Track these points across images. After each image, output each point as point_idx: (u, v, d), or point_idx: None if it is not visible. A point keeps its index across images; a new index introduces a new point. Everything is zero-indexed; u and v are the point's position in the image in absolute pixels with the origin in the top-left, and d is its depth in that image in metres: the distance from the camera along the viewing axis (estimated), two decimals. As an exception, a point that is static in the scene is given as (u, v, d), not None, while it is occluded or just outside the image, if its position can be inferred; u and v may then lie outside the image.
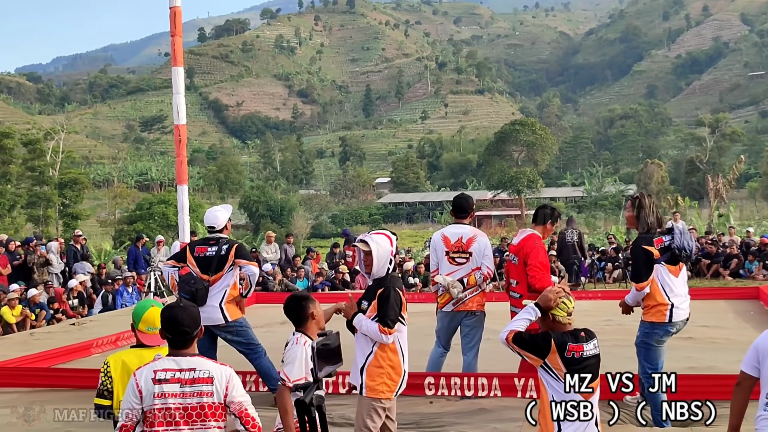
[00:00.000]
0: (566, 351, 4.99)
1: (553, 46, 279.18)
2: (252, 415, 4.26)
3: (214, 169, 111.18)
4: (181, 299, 6.13)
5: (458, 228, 8.16)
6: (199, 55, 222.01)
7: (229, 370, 4.32)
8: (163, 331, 4.39)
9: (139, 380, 4.20)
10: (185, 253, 8.44)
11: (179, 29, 15.90)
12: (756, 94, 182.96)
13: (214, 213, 8.45)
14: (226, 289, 8.14)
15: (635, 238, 7.15)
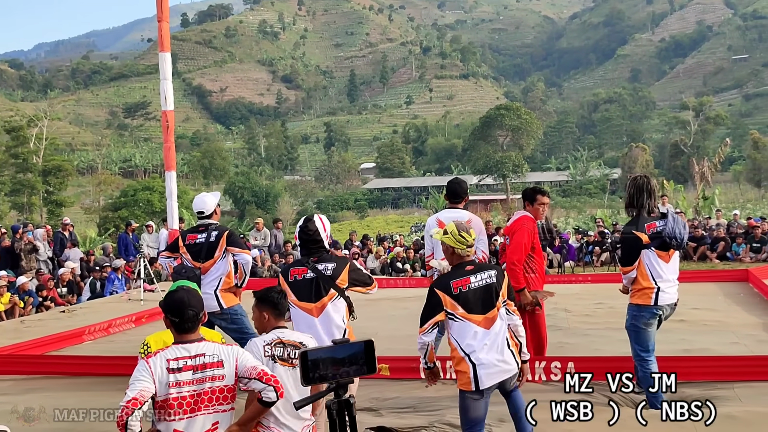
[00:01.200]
0: (452, 289, 5.37)
1: (537, 30, 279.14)
2: (270, 373, 4.32)
3: (198, 155, 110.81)
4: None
5: (453, 212, 8.11)
6: (182, 40, 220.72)
7: (235, 348, 4.40)
8: (167, 318, 4.39)
9: (153, 368, 4.20)
10: (178, 242, 8.42)
11: (166, 14, 15.81)
12: (739, 77, 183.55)
13: (203, 199, 8.41)
14: (221, 277, 8.10)
15: (626, 222, 7.16)
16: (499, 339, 5.48)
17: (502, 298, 5.54)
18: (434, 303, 5.48)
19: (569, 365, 8.31)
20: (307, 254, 6.48)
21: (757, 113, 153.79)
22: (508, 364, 5.49)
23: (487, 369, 5.40)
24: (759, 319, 11.76)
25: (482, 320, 5.44)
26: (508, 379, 5.55)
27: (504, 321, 5.56)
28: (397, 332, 11.47)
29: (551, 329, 10.98)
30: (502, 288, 5.55)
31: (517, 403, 5.84)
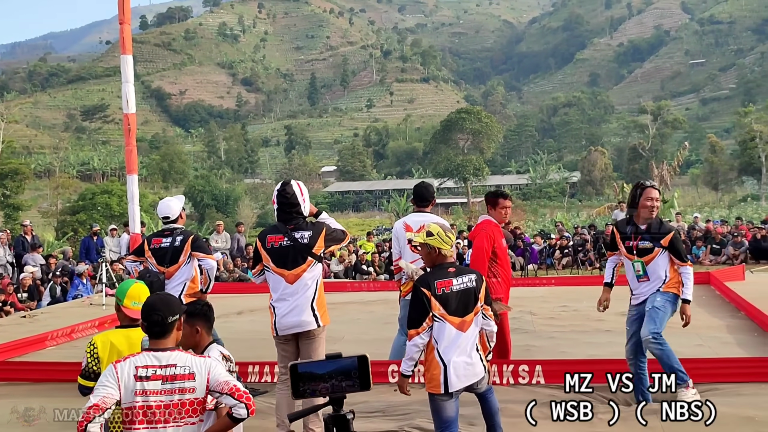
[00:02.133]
0: (436, 289, 5.44)
1: (497, 34, 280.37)
2: (242, 389, 4.21)
3: (157, 158, 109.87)
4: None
5: (420, 216, 8.13)
6: (141, 43, 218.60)
7: (208, 360, 4.29)
8: (142, 323, 4.32)
9: (120, 373, 4.11)
10: (143, 246, 8.36)
11: (128, 16, 15.65)
12: (696, 81, 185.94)
13: (167, 203, 8.37)
14: (186, 282, 8.06)
15: (669, 225, 7.48)
16: (470, 343, 5.54)
17: (480, 302, 5.59)
18: (423, 302, 5.51)
19: (537, 368, 8.34)
20: (283, 220, 6.57)
21: (714, 117, 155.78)
22: (476, 368, 5.55)
23: (456, 372, 5.44)
24: (722, 321, 11.89)
25: (459, 323, 5.49)
26: (477, 382, 5.60)
27: (478, 326, 5.61)
28: (363, 336, 11.48)
29: (517, 332, 11.04)
30: (480, 292, 5.60)
31: (491, 406, 5.86)
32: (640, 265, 7.16)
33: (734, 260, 20.82)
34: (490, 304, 5.76)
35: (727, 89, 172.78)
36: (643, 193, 7.23)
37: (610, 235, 7.70)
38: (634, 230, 7.22)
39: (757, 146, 69.09)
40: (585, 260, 22.03)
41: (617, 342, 10.17)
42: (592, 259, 21.91)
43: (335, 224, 6.81)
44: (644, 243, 7.11)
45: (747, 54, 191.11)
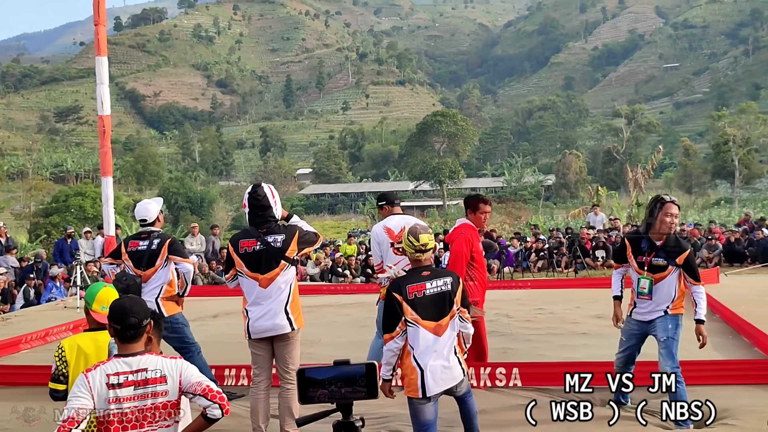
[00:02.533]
0: (408, 293, 5.44)
1: (472, 37, 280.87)
2: (216, 389, 4.18)
3: (131, 160, 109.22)
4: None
5: (399, 218, 8.13)
6: (115, 44, 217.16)
7: (179, 362, 4.24)
8: (111, 326, 4.25)
9: (92, 383, 4.06)
10: (120, 249, 8.31)
11: (103, 18, 15.57)
12: (670, 85, 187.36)
13: (145, 206, 8.31)
14: (162, 285, 7.98)
15: (686, 242, 7.23)
16: (447, 346, 5.54)
17: (455, 306, 5.58)
18: (395, 306, 5.52)
19: (514, 371, 8.35)
20: (255, 223, 6.55)
21: (688, 121, 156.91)
22: (454, 371, 5.55)
23: (434, 376, 5.45)
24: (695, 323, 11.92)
25: (434, 327, 5.50)
26: (456, 386, 5.61)
27: (455, 329, 5.61)
28: (339, 339, 11.45)
29: (494, 335, 11.05)
30: (456, 296, 5.59)
31: (470, 409, 5.86)
32: (647, 283, 6.93)
33: (708, 263, 20.95)
34: (468, 307, 5.76)
35: (700, 93, 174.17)
36: (663, 208, 6.87)
37: (619, 247, 7.45)
38: (648, 246, 6.95)
39: (730, 150, 69.63)
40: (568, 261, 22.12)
41: (593, 344, 10.25)
42: (567, 262, 22.02)
43: (307, 227, 6.80)
44: (658, 260, 6.87)
45: (720, 58, 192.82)
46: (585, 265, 21.53)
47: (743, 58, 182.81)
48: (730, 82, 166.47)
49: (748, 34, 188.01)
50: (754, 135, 72.13)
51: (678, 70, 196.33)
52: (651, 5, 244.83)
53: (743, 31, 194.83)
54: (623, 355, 7.23)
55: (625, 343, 7.21)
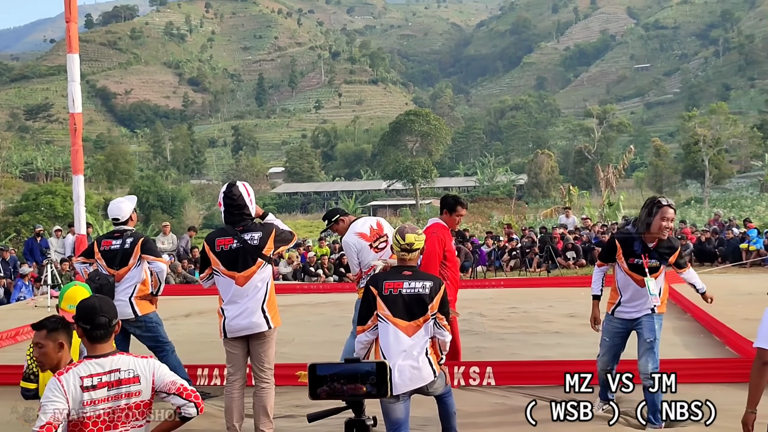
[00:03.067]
0: (383, 289, 5.49)
1: (445, 37, 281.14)
2: (190, 388, 4.19)
3: (102, 158, 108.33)
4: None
5: (360, 221, 8.26)
6: (86, 41, 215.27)
7: (151, 361, 4.25)
8: (79, 327, 4.20)
9: (66, 386, 4.02)
10: (93, 248, 8.24)
11: (74, 15, 15.49)
12: (641, 86, 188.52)
13: (118, 205, 8.25)
14: (136, 284, 7.95)
15: (676, 240, 7.21)
16: (417, 348, 5.55)
17: (431, 311, 5.56)
18: (370, 300, 5.56)
19: (488, 370, 8.37)
20: (231, 222, 6.53)
21: (658, 121, 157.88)
22: (423, 372, 5.55)
23: (401, 375, 5.46)
24: (668, 322, 11.90)
25: (406, 326, 5.51)
26: (426, 387, 5.62)
27: (428, 333, 5.60)
28: (313, 338, 11.43)
29: (467, 334, 11.08)
30: (433, 301, 5.57)
31: (448, 409, 5.88)
32: (654, 285, 6.82)
33: (679, 262, 21.05)
34: (447, 315, 5.73)
35: (671, 94, 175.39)
36: (659, 211, 6.73)
37: (608, 246, 7.30)
38: (641, 248, 6.84)
39: (700, 150, 70.10)
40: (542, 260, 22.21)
41: (566, 343, 10.30)
42: (538, 261, 22.11)
43: (282, 225, 6.80)
44: (652, 262, 6.80)
45: (691, 59, 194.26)
46: (557, 264, 21.64)
47: (713, 59, 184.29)
48: (701, 82, 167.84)
49: (718, 35, 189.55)
50: (724, 135, 72.67)
51: (649, 71, 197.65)
52: (622, 6, 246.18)
53: (713, 32, 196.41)
54: (608, 356, 7.15)
55: (608, 342, 7.14)
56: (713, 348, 10.12)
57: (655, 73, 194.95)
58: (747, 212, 43.40)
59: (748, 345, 8.49)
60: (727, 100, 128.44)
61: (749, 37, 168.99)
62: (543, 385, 7.96)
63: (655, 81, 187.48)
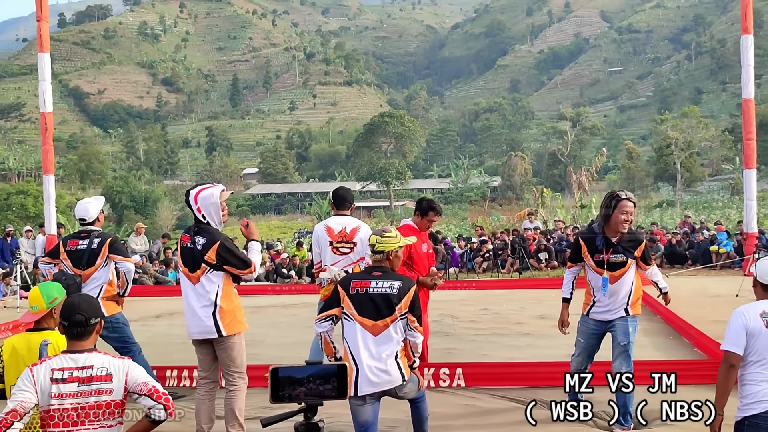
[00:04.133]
0: (351, 288, 5.51)
1: (420, 39, 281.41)
2: (161, 390, 4.17)
3: (75, 158, 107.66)
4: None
5: (342, 219, 8.07)
6: (59, 41, 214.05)
7: (126, 362, 4.23)
8: (60, 323, 4.27)
9: (36, 377, 4.07)
10: (59, 248, 8.21)
11: (46, 14, 15.46)
12: (614, 89, 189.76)
13: (85, 205, 8.20)
14: (103, 285, 7.92)
15: (641, 233, 7.20)
16: (385, 349, 5.53)
17: (399, 311, 5.54)
18: (335, 297, 5.60)
19: (458, 371, 8.38)
20: (195, 221, 6.59)
21: (631, 124, 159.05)
22: (390, 375, 5.52)
23: (367, 376, 5.46)
24: (638, 324, 12.09)
25: (372, 326, 5.51)
26: (395, 390, 5.60)
27: (398, 334, 5.58)
28: (283, 339, 11.40)
29: (438, 335, 11.10)
30: (401, 302, 5.54)
31: (420, 414, 5.89)
32: (605, 282, 6.86)
33: (650, 265, 21.18)
34: (419, 318, 5.69)
35: (644, 97, 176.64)
36: (618, 205, 6.74)
37: (574, 246, 7.33)
38: (604, 243, 6.85)
39: (672, 153, 70.60)
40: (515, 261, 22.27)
41: (537, 345, 10.33)
42: (512, 263, 22.19)
43: (253, 256, 6.67)
44: (617, 256, 6.80)
45: (663, 62, 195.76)
46: (529, 266, 21.72)
47: (686, 63, 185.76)
48: (673, 86, 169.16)
49: (690, 39, 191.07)
50: (696, 139, 73.25)
51: (622, 74, 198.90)
52: (596, 10, 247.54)
53: (686, 36, 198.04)
54: (582, 355, 7.14)
55: (583, 343, 7.12)
56: (682, 350, 10.19)
57: (628, 76, 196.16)
58: (718, 215, 43.75)
59: (716, 346, 8.55)
60: (699, 103, 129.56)
61: (721, 41, 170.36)
62: (513, 387, 7.98)
63: (628, 84, 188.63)
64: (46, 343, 4.84)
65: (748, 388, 4.64)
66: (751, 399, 4.61)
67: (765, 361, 4.60)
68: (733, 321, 4.72)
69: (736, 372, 4.65)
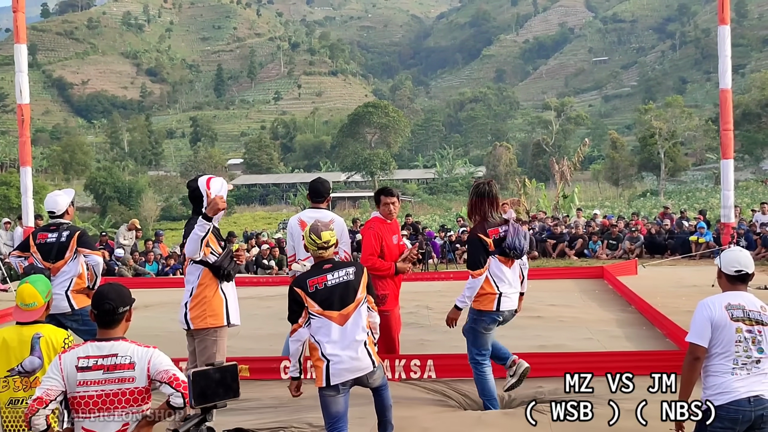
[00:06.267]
0: (308, 287, 5.54)
1: (405, 29, 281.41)
2: (182, 378, 4.25)
3: (58, 149, 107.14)
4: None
5: (315, 212, 8.09)
6: (42, 31, 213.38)
7: (150, 350, 4.33)
8: (91, 312, 4.41)
9: (64, 366, 4.23)
10: (29, 241, 8.23)
11: (22, 5, 15.40)
12: (599, 78, 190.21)
13: (54, 198, 8.21)
14: (72, 278, 7.95)
15: (472, 227, 7.18)
16: (354, 336, 5.60)
17: (360, 294, 5.66)
18: (297, 300, 5.59)
19: (428, 363, 8.40)
20: (196, 212, 6.50)
21: (616, 114, 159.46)
22: (362, 362, 5.60)
23: (338, 365, 5.51)
24: (612, 314, 12.18)
25: (337, 316, 5.56)
26: (366, 377, 5.66)
27: (362, 318, 5.67)
28: (258, 331, 11.41)
29: (413, 327, 11.13)
30: (360, 285, 5.68)
31: (384, 402, 5.92)
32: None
33: (630, 254, 21.29)
34: (374, 296, 5.86)
35: (628, 87, 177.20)
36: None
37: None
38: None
39: (656, 143, 70.64)
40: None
41: (509, 335, 10.32)
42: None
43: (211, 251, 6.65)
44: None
45: (648, 52, 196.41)
46: (509, 256, 21.72)
47: (670, 53, 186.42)
48: (657, 76, 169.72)
49: (675, 29, 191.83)
50: (680, 128, 73.41)
51: (607, 64, 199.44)
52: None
53: (670, 26, 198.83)
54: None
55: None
56: (655, 340, 10.24)
57: (612, 66, 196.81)
58: (701, 204, 43.87)
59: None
60: (683, 93, 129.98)
61: (705, 31, 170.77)
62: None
63: (613, 74, 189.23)
64: (38, 336, 4.96)
65: (712, 380, 4.73)
66: (714, 390, 4.70)
67: (730, 353, 4.68)
68: (698, 313, 4.78)
69: (701, 364, 4.73)
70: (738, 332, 4.67)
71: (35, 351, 4.94)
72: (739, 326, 4.67)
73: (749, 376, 4.68)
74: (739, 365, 4.67)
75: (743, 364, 4.68)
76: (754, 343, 4.68)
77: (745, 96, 79.84)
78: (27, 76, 15.79)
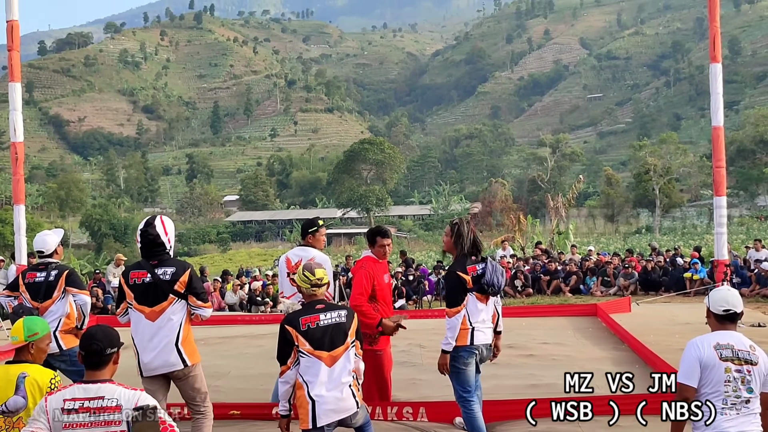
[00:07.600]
0: (301, 325, 5.54)
1: (400, 66, 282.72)
2: (169, 421, 4.23)
3: (54, 186, 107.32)
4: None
5: (301, 250, 8.15)
6: (38, 68, 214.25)
7: (138, 393, 4.27)
8: (79, 353, 4.37)
9: (50, 408, 4.19)
10: (18, 281, 8.21)
11: (17, 43, 15.44)
12: (594, 115, 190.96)
13: (43, 237, 8.20)
14: (60, 317, 7.90)
15: (450, 264, 7.18)
16: (340, 378, 5.62)
17: (350, 338, 5.68)
18: (287, 339, 5.59)
19: (421, 410, 8.32)
20: (146, 256, 6.44)
21: (611, 150, 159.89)
22: (346, 402, 5.62)
23: (324, 406, 5.52)
24: (605, 353, 12.10)
25: (327, 357, 5.57)
26: (350, 417, 5.69)
27: (350, 361, 5.69)
28: (249, 371, 11.33)
29: (405, 366, 11.05)
30: (350, 328, 5.70)
31: None
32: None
33: (625, 291, 21.24)
34: (361, 341, 5.88)
35: (623, 123, 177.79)
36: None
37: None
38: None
39: (651, 179, 70.81)
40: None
41: (501, 374, 10.31)
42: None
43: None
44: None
45: (643, 89, 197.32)
46: (503, 293, 21.67)
47: (664, 90, 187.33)
48: (652, 112, 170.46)
49: (669, 66, 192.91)
50: (675, 165, 73.66)
51: (601, 101, 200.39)
52: (575, 37, 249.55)
53: (665, 63, 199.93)
54: None
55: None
56: (648, 380, 10.13)
57: (607, 102, 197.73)
58: (697, 240, 43.91)
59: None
60: (678, 129, 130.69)
61: (699, 68, 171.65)
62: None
63: (608, 111, 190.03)
64: (23, 375, 4.90)
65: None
66: (704, 430, 4.68)
67: (719, 392, 4.68)
68: (686, 353, 4.78)
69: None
70: (727, 372, 4.67)
71: (20, 390, 4.88)
72: (728, 366, 4.68)
73: (738, 416, 4.68)
74: (729, 405, 4.67)
75: (732, 404, 4.68)
76: (744, 383, 4.68)
77: (739, 132, 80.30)
78: (21, 114, 15.83)
